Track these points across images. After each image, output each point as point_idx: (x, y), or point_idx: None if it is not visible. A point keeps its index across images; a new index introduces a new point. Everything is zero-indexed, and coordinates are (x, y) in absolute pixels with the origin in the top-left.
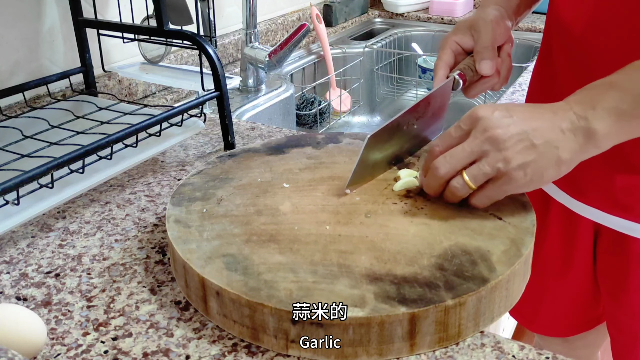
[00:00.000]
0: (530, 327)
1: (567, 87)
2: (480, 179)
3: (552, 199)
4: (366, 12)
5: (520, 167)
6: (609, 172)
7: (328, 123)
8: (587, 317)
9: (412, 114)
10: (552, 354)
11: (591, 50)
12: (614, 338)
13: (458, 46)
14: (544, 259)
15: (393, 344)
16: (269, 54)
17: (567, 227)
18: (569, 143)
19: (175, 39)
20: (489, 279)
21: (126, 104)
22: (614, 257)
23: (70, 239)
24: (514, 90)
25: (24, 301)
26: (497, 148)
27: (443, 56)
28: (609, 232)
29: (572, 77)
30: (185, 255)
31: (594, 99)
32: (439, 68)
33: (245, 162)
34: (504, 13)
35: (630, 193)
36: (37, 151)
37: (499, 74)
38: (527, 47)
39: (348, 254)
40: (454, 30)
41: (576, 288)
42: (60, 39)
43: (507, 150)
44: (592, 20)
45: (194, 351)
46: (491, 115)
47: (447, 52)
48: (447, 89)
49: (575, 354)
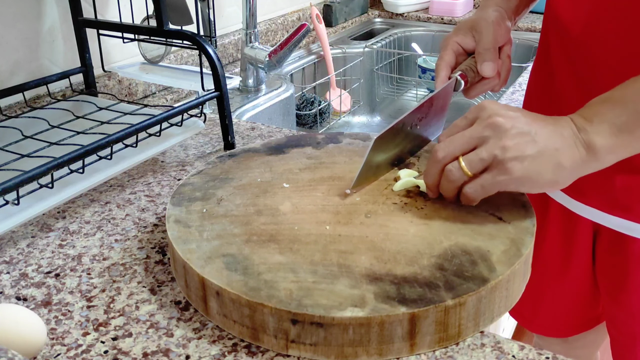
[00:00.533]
0: (530, 327)
1: (566, 86)
2: (476, 164)
3: (551, 199)
4: (366, 12)
5: (517, 158)
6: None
7: (328, 123)
8: (587, 317)
9: (416, 115)
10: (552, 354)
11: (590, 49)
12: (613, 338)
13: (459, 47)
14: (544, 259)
15: (393, 344)
16: (269, 54)
17: (567, 227)
18: (570, 150)
19: (175, 39)
20: (489, 279)
21: (126, 104)
22: (613, 257)
23: (70, 239)
24: (513, 90)
25: (24, 301)
26: (497, 135)
27: (445, 57)
28: (608, 232)
29: (570, 76)
30: (185, 255)
31: (592, 114)
32: (440, 69)
33: (245, 162)
34: (504, 14)
35: (629, 193)
36: (37, 151)
37: (499, 76)
38: (527, 47)
39: (348, 254)
40: (455, 31)
41: (575, 288)
42: (60, 39)
43: (507, 138)
44: (590, 19)
45: (194, 351)
46: (496, 106)
47: (449, 52)
48: (449, 89)
49: (574, 354)
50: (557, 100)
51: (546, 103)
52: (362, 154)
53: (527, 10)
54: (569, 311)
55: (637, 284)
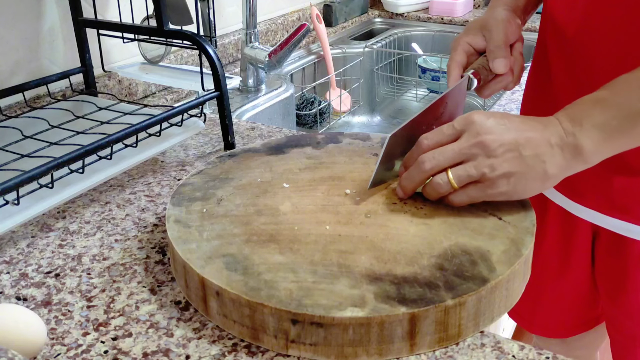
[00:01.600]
0: (529, 328)
1: (563, 87)
2: (464, 180)
3: (550, 201)
4: (366, 12)
5: (504, 175)
6: (606, 174)
7: (328, 123)
8: (586, 318)
9: (430, 114)
10: (552, 354)
11: (586, 50)
12: (613, 339)
13: (470, 47)
14: (543, 260)
15: (393, 344)
16: (269, 54)
17: (566, 229)
18: (556, 158)
19: (175, 39)
20: (488, 279)
21: (126, 104)
22: (612, 258)
23: (70, 239)
24: (513, 90)
25: (24, 301)
26: (486, 154)
27: (456, 57)
28: (607, 234)
29: (567, 77)
30: (185, 255)
31: (582, 116)
32: (452, 68)
33: (245, 162)
34: (513, 12)
35: (627, 195)
36: (37, 151)
37: (512, 73)
38: (527, 47)
39: (348, 254)
40: (465, 31)
41: (575, 289)
42: (60, 39)
43: (495, 157)
44: (585, 20)
45: (194, 351)
46: (485, 121)
47: (460, 52)
48: (462, 88)
49: (573, 354)
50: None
51: (543, 103)
52: (363, 154)
53: (535, 9)
54: (568, 312)
55: (636, 285)
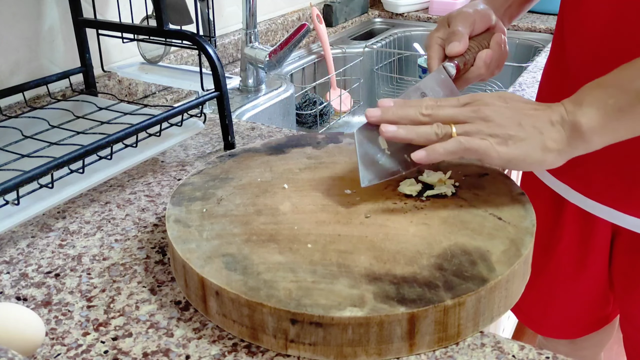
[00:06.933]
0: (539, 330)
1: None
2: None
3: (566, 202)
4: (366, 12)
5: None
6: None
7: (328, 123)
8: (596, 318)
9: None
10: (552, 353)
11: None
12: (627, 335)
13: (442, 40)
14: (557, 262)
15: (392, 344)
16: (269, 54)
17: (584, 229)
18: (555, 133)
19: (175, 39)
20: (488, 279)
21: (126, 104)
22: (631, 256)
23: (70, 239)
24: (513, 90)
25: (24, 301)
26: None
27: (432, 53)
28: (627, 233)
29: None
30: (185, 255)
31: (584, 97)
32: (432, 66)
33: (245, 162)
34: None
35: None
36: (37, 151)
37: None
38: (527, 47)
39: (347, 254)
40: (436, 27)
41: (589, 289)
42: (60, 39)
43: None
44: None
45: (194, 351)
46: (490, 98)
47: (434, 48)
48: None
49: (580, 354)
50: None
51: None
52: None
53: (523, 9)
54: (581, 312)
55: None
